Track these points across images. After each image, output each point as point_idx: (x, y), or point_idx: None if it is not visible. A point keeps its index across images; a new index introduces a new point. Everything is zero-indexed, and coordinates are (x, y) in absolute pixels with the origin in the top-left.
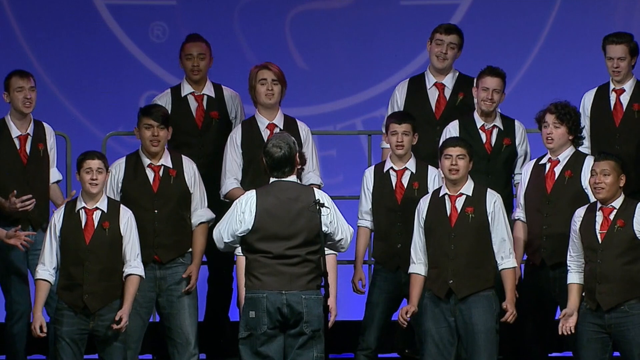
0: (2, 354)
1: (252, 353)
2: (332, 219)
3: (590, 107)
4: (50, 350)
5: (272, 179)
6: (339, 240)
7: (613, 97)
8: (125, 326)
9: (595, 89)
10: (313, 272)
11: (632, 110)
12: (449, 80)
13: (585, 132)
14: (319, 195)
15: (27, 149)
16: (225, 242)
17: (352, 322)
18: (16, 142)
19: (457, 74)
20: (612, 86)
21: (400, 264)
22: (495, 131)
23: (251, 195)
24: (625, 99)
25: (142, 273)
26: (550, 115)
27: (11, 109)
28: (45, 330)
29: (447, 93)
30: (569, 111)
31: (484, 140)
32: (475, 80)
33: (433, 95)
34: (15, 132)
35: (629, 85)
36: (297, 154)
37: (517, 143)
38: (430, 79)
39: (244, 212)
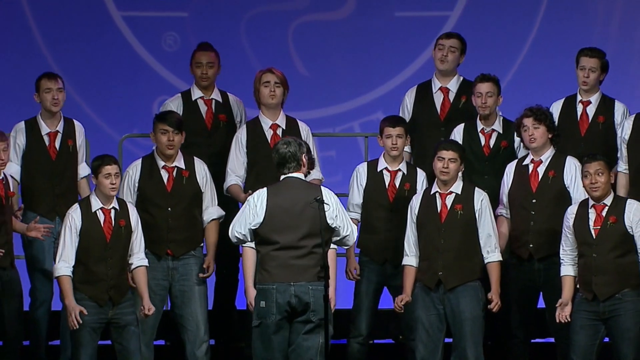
0: (26, 340)
1: (262, 339)
2: (337, 214)
3: (557, 116)
4: (62, 336)
5: (281, 177)
6: (346, 236)
7: (580, 108)
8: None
9: (563, 99)
10: (319, 264)
11: (597, 122)
12: (453, 85)
13: None
14: (325, 192)
15: (57, 145)
16: (237, 237)
17: (348, 310)
18: (45, 138)
19: (462, 79)
20: (579, 97)
21: (388, 257)
22: (494, 134)
23: (263, 192)
24: (591, 110)
25: (147, 263)
26: (527, 118)
27: (41, 109)
28: (85, 312)
29: (451, 96)
30: (544, 112)
31: (483, 143)
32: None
33: (438, 98)
34: (45, 129)
35: (595, 98)
36: (304, 155)
37: (516, 145)
38: (436, 84)
39: (256, 206)
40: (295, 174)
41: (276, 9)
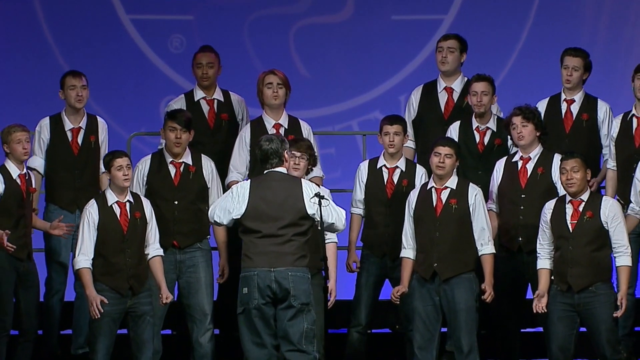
0: (39, 329)
1: (247, 326)
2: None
3: (543, 115)
4: (75, 325)
5: (265, 171)
6: (332, 224)
7: (564, 106)
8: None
9: (548, 98)
10: (299, 251)
11: (581, 120)
12: (457, 85)
13: None
14: (305, 183)
15: (79, 141)
16: (215, 220)
17: (349, 301)
18: (69, 134)
19: (466, 79)
20: (563, 96)
21: (387, 251)
22: (488, 132)
23: (246, 184)
24: (575, 108)
25: (163, 253)
26: (516, 117)
27: (66, 105)
28: (106, 301)
29: (455, 96)
30: (532, 110)
31: (477, 140)
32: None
33: (443, 98)
34: (68, 125)
35: (578, 97)
36: (286, 152)
37: (509, 143)
38: (441, 84)
39: (238, 196)
40: (277, 169)
41: (278, 12)
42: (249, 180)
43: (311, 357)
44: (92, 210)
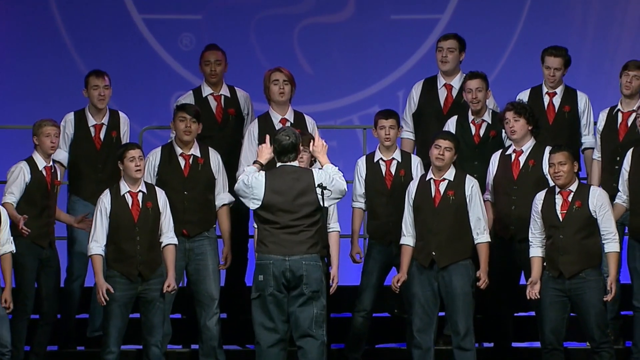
0: (58, 313)
1: (261, 311)
2: (332, 190)
3: None
4: (91, 310)
5: (279, 164)
6: (338, 197)
7: (546, 99)
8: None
9: (529, 90)
10: (311, 240)
11: (563, 112)
12: (456, 82)
13: None
14: (317, 174)
15: (101, 136)
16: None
17: (350, 286)
18: (92, 130)
19: (464, 76)
20: (544, 89)
21: (392, 239)
22: (484, 125)
23: (262, 175)
24: (557, 101)
25: (177, 242)
26: (509, 112)
27: (89, 102)
28: (112, 291)
29: (454, 92)
30: (524, 105)
31: (474, 132)
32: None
33: (442, 94)
34: (91, 121)
35: (559, 90)
36: (300, 145)
37: (504, 135)
38: (441, 81)
39: (254, 187)
40: (292, 162)
41: (282, 12)
42: (264, 173)
43: (319, 342)
44: (105, 199)
